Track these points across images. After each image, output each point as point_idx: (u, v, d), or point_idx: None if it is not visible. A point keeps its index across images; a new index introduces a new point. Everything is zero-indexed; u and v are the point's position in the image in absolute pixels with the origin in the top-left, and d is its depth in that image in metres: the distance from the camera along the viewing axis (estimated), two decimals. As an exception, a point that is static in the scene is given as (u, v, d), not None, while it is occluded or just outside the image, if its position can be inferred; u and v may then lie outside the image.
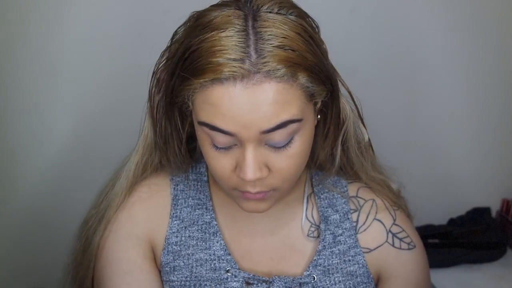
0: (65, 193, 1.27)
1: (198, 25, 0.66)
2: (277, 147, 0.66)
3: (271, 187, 0.69)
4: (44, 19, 1.18)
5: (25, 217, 1.27)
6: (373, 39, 1.30)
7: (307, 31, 0.66)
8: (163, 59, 0.75)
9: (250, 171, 0.65)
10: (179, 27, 0.73)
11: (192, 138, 0.80)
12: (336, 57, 0.76)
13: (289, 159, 0.67)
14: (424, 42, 1.32)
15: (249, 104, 0.62)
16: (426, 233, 1.31)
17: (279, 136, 0.65)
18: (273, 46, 0.62)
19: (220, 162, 0.68)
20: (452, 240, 1.33)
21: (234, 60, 0.61)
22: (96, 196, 0.86)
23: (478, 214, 1.41)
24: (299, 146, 0.68)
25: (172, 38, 0.74)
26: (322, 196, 0.84)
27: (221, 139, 0.66)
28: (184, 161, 0.81)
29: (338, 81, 0.74)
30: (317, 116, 0.73)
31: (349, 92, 0.77)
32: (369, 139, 0.81)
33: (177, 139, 0.78)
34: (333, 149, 0.79)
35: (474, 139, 1.41)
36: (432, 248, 1.29)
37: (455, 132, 1.40)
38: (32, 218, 1.28)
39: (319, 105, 0.71)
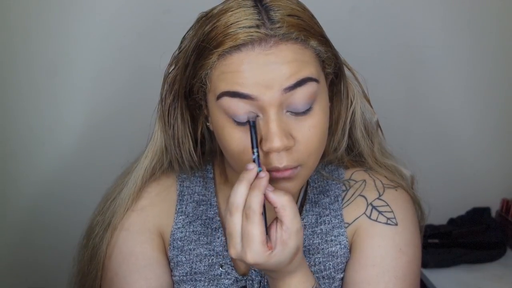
0: (65, 193, 1.27)
1: (209, 17, 0.69)
2: (298, 114, 0.67)
3: (298, 162, 0.68)
4: (44, 19, 1.19)
5: (26, 217, 1.28)
6: (373, 38, 1.30)
7: (308, 9, 0.71)
8: (174, 61, 0.75)
9: (277, 138, 0.65)
10: (187, 32, 0.74)
11: (201, 144, 0.81)
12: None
13: (312, 129, 0.68)
14: (424, 42, 1.32)
15: (268, 64, 0.64)
16: (426, 233, 1.31)
17: (299, 97, 0.66)
18: (283, 15, 0.66)
19: (243, 142, 0.67)
20: (452, 240, 1.33)
21: (250, 27, 0.64)
22: (101, 201, 0.85)
23: (478, 214, 1.42)
24: (319, 114, 0.68)
25: (181, 42, 0.75)
26: (315, 185, 0.84)
27: (242, 109, 0.66)
28: (195, 163, 0.81)
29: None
30: (329, 89, 0.73)
31: (353, 73, 0.79)
32: (377, 119, 0.82)
33: (189, 141, 0.78)
34: (343, 131, 0.80)
35: (474, 139, 1.41)
36: (432, 248, 1.29)
37: (454, 132, 1.40)
38: (33, 218, 1.28)
39: (329, 79, 0.73)
